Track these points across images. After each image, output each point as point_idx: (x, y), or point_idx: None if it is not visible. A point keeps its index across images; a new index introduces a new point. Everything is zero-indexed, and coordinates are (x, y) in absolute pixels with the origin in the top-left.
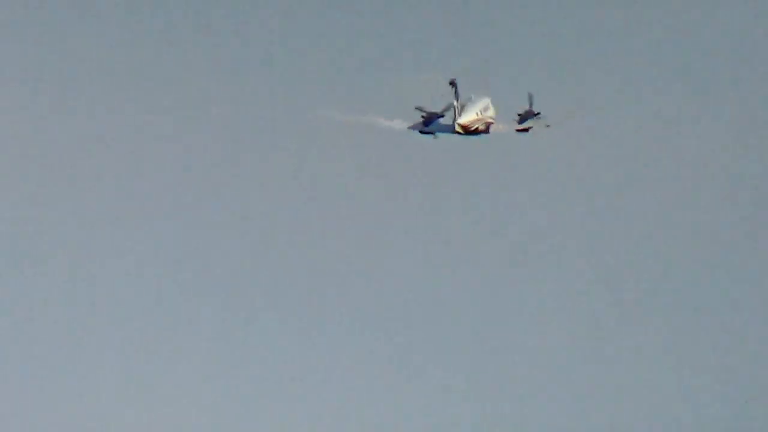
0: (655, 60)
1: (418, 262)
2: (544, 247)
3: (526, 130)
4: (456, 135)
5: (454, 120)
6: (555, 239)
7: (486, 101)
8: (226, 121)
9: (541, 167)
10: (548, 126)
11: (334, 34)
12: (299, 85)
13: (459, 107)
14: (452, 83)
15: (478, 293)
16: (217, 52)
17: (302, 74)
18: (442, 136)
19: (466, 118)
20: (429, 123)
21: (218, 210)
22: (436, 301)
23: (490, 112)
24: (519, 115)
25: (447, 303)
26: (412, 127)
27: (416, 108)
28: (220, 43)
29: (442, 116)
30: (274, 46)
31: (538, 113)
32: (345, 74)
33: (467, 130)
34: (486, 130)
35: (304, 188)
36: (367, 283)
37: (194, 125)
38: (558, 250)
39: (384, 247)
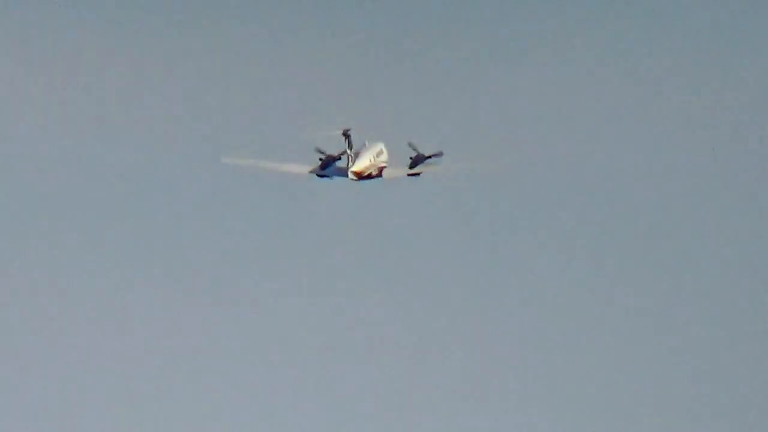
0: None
1: (322, 304)
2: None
3: (417, 174)
4: (351, 180)
5: (348, 167)
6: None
7: (379, 146)
8: (126, 164)
9: (433, 210)
10: (436, 170)
11: (238, 81)
12: (202, 133)
13: (353, 155)
14: (345, 134)
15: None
16: (121, 94)
17: (204, 121)
18: (337, 179)
19: (359, 165)
20: (326, 166)
21: (111, 259)
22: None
23: (383, 157)
24: (411, 158)
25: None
26: (312, 171)
27: (315, 149)
28: (123, 85)
29: (339, 159)
30: (178, 91)
31: (429, 156)
32: (248, 121)
33: (360, 176)
34: (379, 174)
35: (206, 232)
36: (277, 325)
37: (87, 170)
38: (450, 292)
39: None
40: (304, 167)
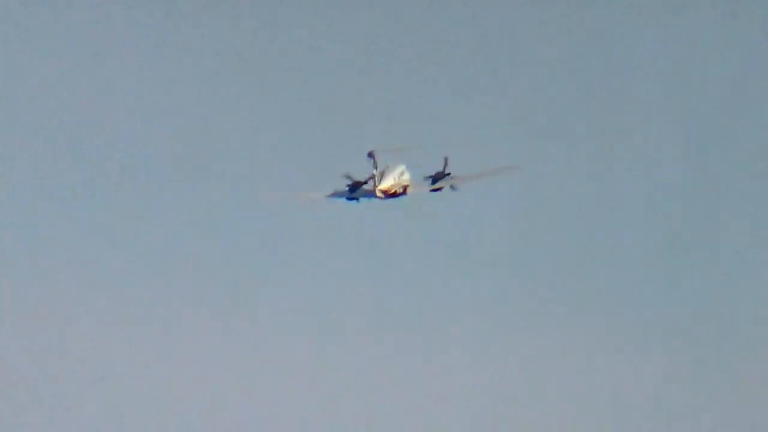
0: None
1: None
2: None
3: (439, 189)
4: (378, 199)
5: (375, 186)
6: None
7: (401, 167)
8: (149, 198)
9: (456, 224)
10: (454, 188)
11: (255, 111)
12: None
13: (379, 175)
14: (370, 155)
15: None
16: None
17: (222, 154)
18: (365, 200)
19: (386, 184)
20: (354, 189)
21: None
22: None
23: (406, 177)
24: (431, 176)
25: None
26: (334, 195)
27: (344, 175)
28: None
29: (366, 183)
30: (198, 121)
31: (449, 174)
32: (263, 152)
33: (387, 194)
34: (404, 192)
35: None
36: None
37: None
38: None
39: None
40: (325, 191)
